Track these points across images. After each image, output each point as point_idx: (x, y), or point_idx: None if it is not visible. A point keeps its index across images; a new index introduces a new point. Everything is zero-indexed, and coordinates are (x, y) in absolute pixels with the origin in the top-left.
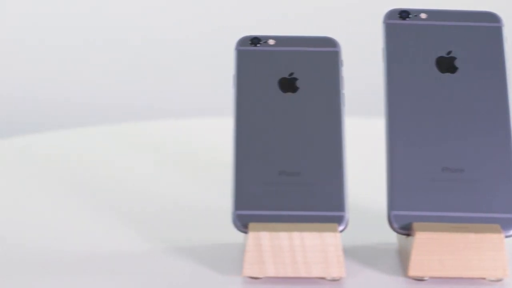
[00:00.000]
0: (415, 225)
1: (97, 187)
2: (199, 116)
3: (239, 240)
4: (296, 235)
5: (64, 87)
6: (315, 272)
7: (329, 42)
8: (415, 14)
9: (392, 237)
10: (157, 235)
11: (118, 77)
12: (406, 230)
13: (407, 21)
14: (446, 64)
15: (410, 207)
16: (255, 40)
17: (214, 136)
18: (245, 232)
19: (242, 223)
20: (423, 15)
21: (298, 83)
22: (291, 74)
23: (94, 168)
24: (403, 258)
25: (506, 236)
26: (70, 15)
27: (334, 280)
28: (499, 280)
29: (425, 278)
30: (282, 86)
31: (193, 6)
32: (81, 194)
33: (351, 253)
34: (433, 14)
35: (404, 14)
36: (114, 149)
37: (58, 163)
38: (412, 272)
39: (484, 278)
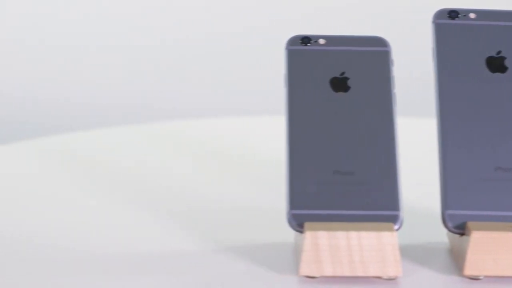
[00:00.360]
0: (470, 224)
1: (146, 189)
2: (248, 115)
3: (288, 239)
4: (353, 234)
5: (64, 87)
6: (372, 271)
7: (380, 42)
8: (464, 14)
9: (442, 236)
10: (209, 235)
11: (118, 77)
12: (460, 229)
13: (456, 21)
14: (496, 64)
15: (464, 206)
16: (305, 40)
17: (263, 135)
18: (300, 232)
19: (297, 222)
20: (472, 15)
21: (349, 83)
22: (342, 73)
23: (139, 168)
24: (456, 257)
25: None
26: (70, 15)
27: (390, 279)
28: None
29: (480, 277)
30: (334, 86)
31: (194, 6)
32: (133, 196)
33: (403, 252)
34: (482, 14)
35: (453, 14)
36: (161, 149)
37: (102, 164)
38: (468, 271)
39: None
